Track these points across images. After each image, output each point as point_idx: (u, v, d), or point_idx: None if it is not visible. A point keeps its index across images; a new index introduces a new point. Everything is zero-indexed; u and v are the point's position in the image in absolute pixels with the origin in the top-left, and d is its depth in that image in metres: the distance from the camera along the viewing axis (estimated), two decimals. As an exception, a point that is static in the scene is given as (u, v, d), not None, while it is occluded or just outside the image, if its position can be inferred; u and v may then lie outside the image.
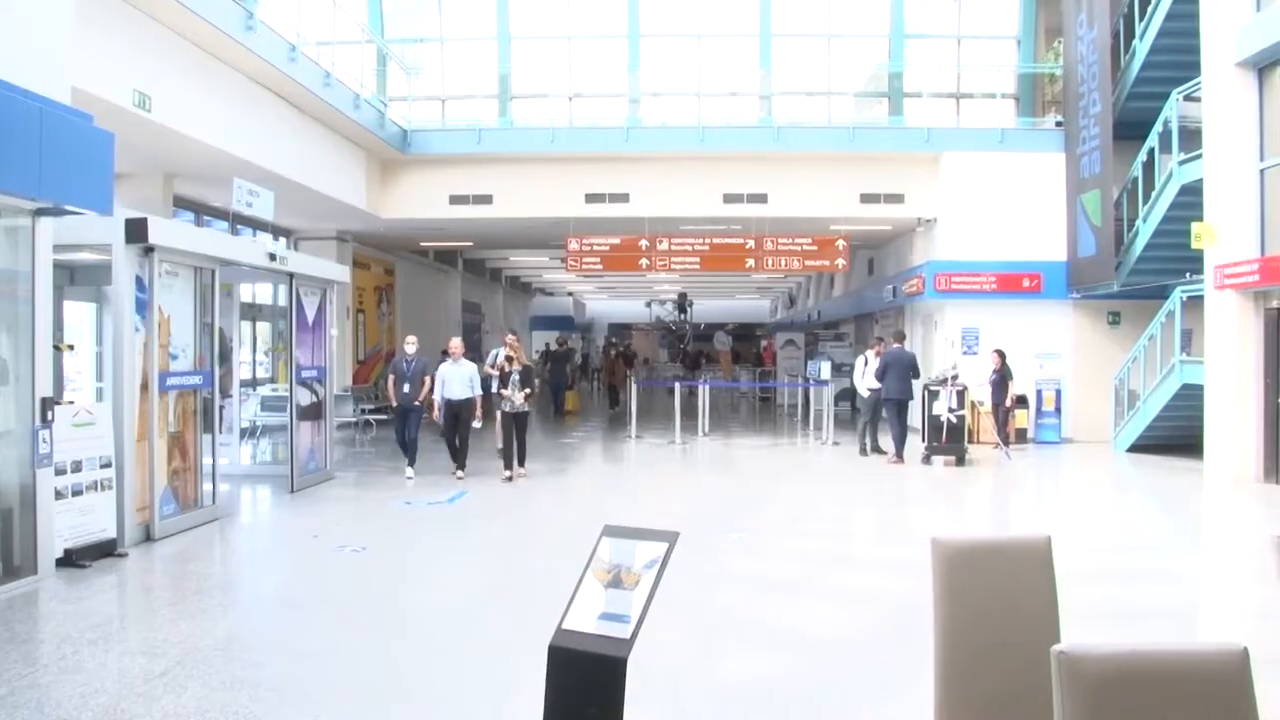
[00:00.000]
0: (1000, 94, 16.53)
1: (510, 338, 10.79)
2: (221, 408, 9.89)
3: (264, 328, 14.92)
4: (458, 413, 10.72)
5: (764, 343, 33.92)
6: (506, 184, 15.88)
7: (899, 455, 12.68)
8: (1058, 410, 15.19)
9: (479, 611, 5.82)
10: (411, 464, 10.99)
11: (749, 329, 44.30)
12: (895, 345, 13.17)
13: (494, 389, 10.78)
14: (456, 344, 10.89)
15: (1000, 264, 15.25)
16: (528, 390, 10.58)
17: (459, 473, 10.73)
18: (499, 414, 10.79)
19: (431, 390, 10.86)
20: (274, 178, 11.57)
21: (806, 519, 9.15)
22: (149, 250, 7.63)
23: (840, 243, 16.19)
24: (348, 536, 7.87)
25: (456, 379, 10.70)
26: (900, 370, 12.71)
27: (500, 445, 11.08)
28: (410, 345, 11.08)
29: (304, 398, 10.59)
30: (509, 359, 10.50)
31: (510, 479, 10.52)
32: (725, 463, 13.76)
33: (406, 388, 10.86)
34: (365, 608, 5.87)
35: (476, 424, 11.15)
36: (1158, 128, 12.90)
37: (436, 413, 10.79)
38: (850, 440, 14.71)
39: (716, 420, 18.66)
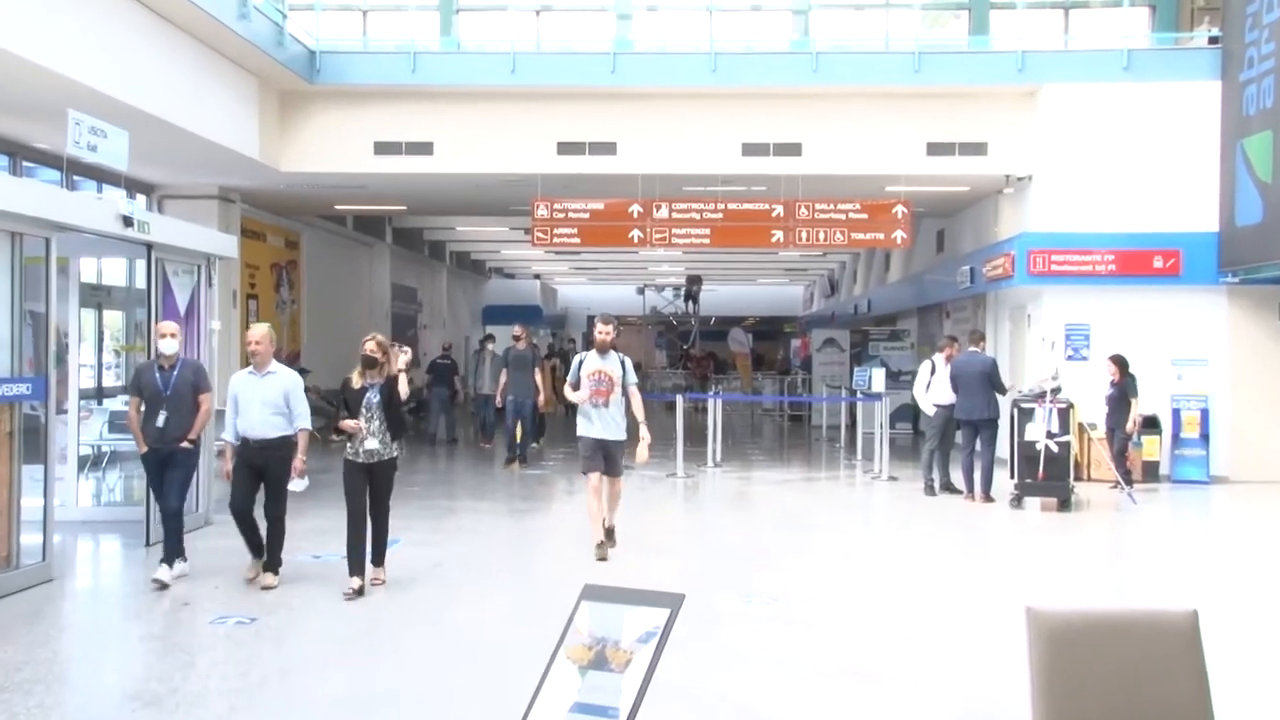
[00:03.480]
0: (1128, 0, 16.30)
1: (374, 338, 8.28)
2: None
3: (114, 317, 14.72)
4: (263, 465, 8.27)
5: (795, 343, 34.01)
6: (451, 128, 15.82)
7: (984, 493, 12.77)
8: (1204, 437, 15.05)
9: (408, 703, 5.81)
10: (170, 559, 8.33)
11: (775, 324, 44.43)
12: (970, 348, 13.29)
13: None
14: (259, 335, 8.35)
15: (1122, 237, 15.14)
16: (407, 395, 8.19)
17: (268, 577, 8.31)
18: (345, 464, 8.21)
19: (217, 420, 8.58)
20: (128, 111, 11.37)
21: (851, 580, 9.15)
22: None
23: (899, 209, 16.16)
24: (230, 603, 7.82)
25: (259, 400, 8.22)
26: (969, 381, 12.80)
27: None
28: (168, 342, 8.38)
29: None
30: (370, 363, 8.05)
31: (359, 591, 7.98)
32: (743, 503, 13.83)
33: (163, 417, 8.30)
34: (251, 703, 5.76)
35: (298, 485, 8.50)
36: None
37: (228, 465, 8.44)
38: (912, 475, 14.69)
39: (732, 446, 18.83)
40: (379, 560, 8.39)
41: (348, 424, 8.03)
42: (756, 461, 17.87)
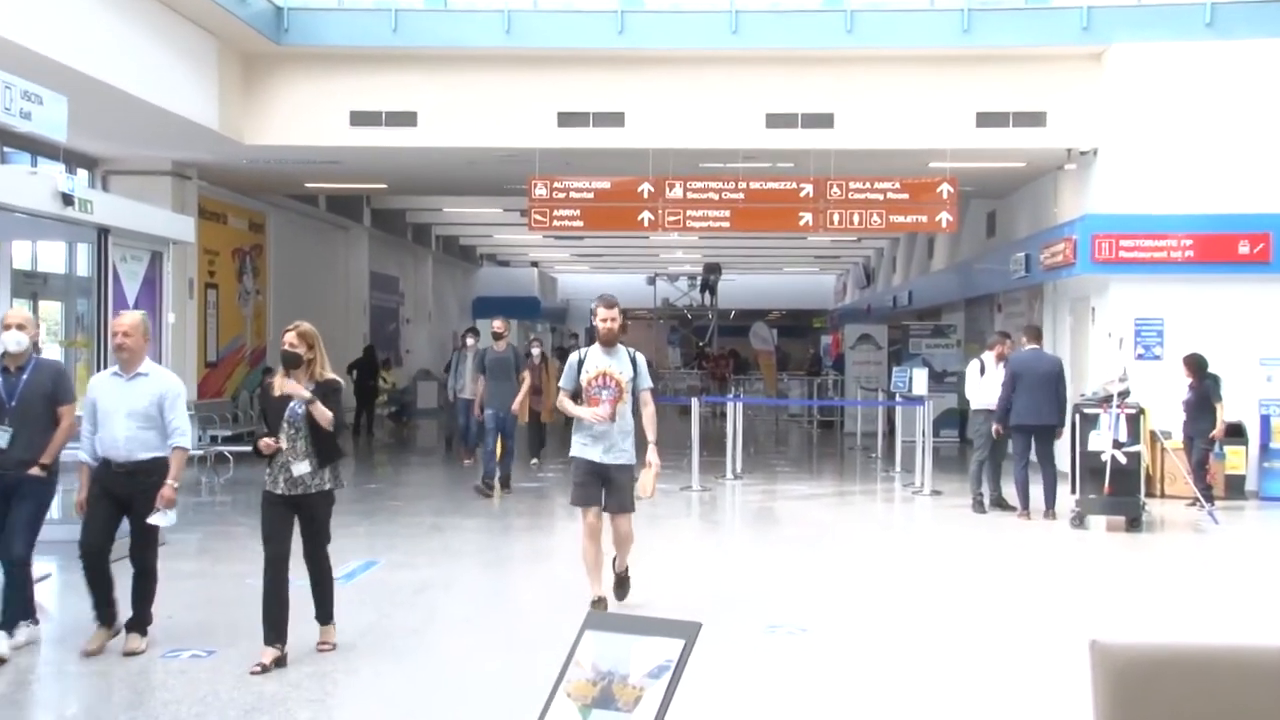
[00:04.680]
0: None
1: (296, 327, 7.22)
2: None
3: (52, 308, 14.70)
4: (128, 496, 7.32)
5: (826, 339, 34.02)
6: (437, 96, 15.87)
7: (1048, 508, 12.78)
8: (1298, 449, 15.05)
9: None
10: (11, 623, 7.32)
11: (803, 319, 44.43)
12: (1028, 346, 13.23)
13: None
14: (129, 323, 7.38)
15: (1201, 219, 15.07)
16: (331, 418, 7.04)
17: (134, 639, 7.33)
18: (264, 495, 7.30)
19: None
20: (68, 75, 11.34)
21: (888, 608, 9.10)
22: None
23: (945, 188, 16.17)
24: (185, 634, 7.76)
25: (124, 410, 7.26)
26: (1035, 381, 12.78)
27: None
28: (13, 335, 7.30)
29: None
30: (290, 361, 7.08)
31: (276, 663, 6.98)
32: (766, 520, 13.92)
33: (4, 435, 7.23)
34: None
35: (163, 518, 7.40)
36: None
37: (83, 493, 7.38)
38: (958, 489, 14.70)
39: (754, 456, 18.83)
40: (325, 617, 7.49)
41: (264, 443, 7.05)
42: (781, 473, 17.93)
